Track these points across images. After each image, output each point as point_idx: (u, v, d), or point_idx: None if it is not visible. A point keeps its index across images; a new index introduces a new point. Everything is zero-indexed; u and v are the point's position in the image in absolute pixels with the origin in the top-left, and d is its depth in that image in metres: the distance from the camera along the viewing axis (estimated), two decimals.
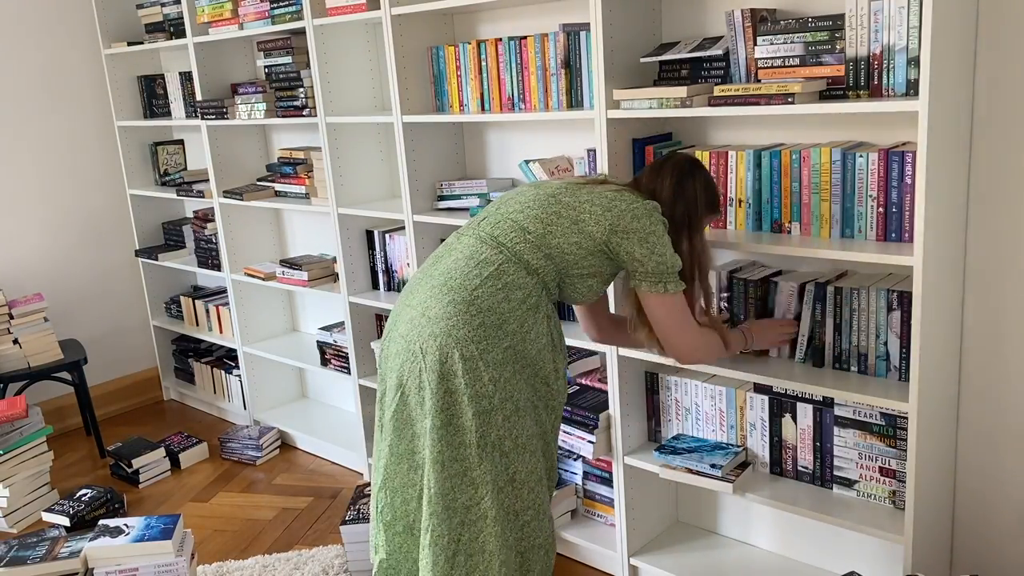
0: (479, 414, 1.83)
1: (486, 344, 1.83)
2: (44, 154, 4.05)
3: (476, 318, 1.83)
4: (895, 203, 1.97)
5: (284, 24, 3.14)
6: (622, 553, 2.63)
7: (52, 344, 3.70)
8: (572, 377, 2.74)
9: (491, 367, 1.83)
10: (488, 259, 1.90)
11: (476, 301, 1.85)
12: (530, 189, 2.02)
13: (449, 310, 1.84)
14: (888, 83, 1.96)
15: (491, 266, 1.89)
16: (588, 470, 2.78)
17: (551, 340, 1.94)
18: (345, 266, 3.24)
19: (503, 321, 1.85)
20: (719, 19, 2.32)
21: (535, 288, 1.91)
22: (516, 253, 1.91)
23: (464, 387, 1.82)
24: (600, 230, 1.91)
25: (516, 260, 1.90)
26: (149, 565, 2.37)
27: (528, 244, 1.91)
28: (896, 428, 2.10)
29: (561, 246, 1.91)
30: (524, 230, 1.92)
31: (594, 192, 1.95)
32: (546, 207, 1.94)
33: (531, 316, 1.89)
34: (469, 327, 1.82)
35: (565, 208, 1.93)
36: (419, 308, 1.89)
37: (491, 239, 1.93)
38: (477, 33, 2.91)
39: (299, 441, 3.80)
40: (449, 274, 1.90)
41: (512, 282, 1.88)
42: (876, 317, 2.07)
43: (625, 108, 2.26)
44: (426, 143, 2.92)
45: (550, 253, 1.92)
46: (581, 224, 1.91)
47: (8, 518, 3.22)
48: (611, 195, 1.94)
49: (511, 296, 1.87)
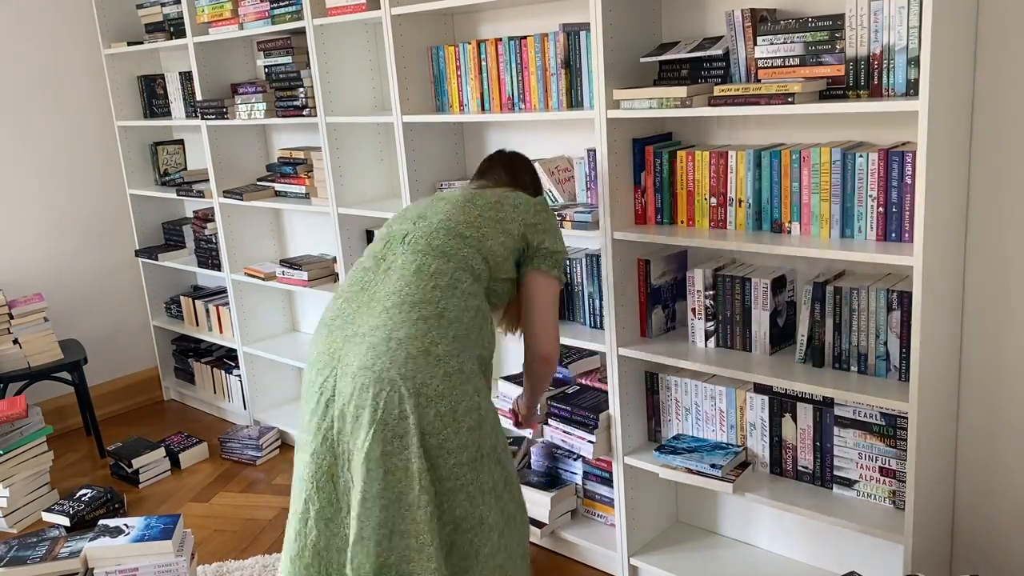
0: (474, 429, 1.79)
1: (464, 356, 1.80)
2: (44, 154, 4.06)
3: (449, 331, 1.80)
4: (895, 203, 1.97)
5: (284, 24, 3.14)
6: (622, 553, 2.63)
7: (52, 344, 3.70)
8: (572, 377, 2.74)
9: (472, 377, 1.81)
10: (440, 270, 1.87)
11: (445, 313, 1.81)
12: (440, 202, 2.04)
13: (421, 328, 1.77)
14: (888, 83, 1.96)
15: (445, 276, 1.87)
16: (588, 470, 2.78)
17: (494, 342, 1.99)
18: (345, 266, 3.24)
19: (468, 330, 1.84)
20: (719, 19, 2.32)
21: (480, 293, 1.93)
22: (462, 260, 1.91)
23: (454, 404, 1.76)
24: (517, 227, 1.99)
25: (464, 268, 1.91)
26: (149, 565, 2.37)
27: (471, 250, 1.93)
28: (896, 428, 2.10)
29: (493, 248, 1.96)
30: (461, 236, 1.93)
31: (498, 193, 2.06)
32: (470, 211, 1.98)
33: (484, 321, 1.92)
34: (446, 341, 1.78)
35: (486, 210, 2.00)
36: (380, 334, 1.77)
37: (433, 249, 1.90)
38: (477, 33, 2.91)
39: None
40: (404, 292, 1.82)
41: (466, 290, 1.89)
42: (876, 317, 2.07)
43: (625, 108, 2.26)
44: (426, 143, 2.92)
45: (487, 257, 1.95)
46: (503, 223, 1.98)
47: (8, 518, 3.22)
48: (512, 195, 2.06)
49: (469, 304, 1.87)
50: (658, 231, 2.33)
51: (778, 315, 2.27)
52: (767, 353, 2.28)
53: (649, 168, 2.37)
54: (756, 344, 2.29)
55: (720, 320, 2.34)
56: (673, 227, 2.35)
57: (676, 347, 2.41)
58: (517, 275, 2.05)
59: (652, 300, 2.47)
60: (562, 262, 2.06)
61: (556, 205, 2.59)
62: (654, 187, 2.37)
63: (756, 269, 2.34)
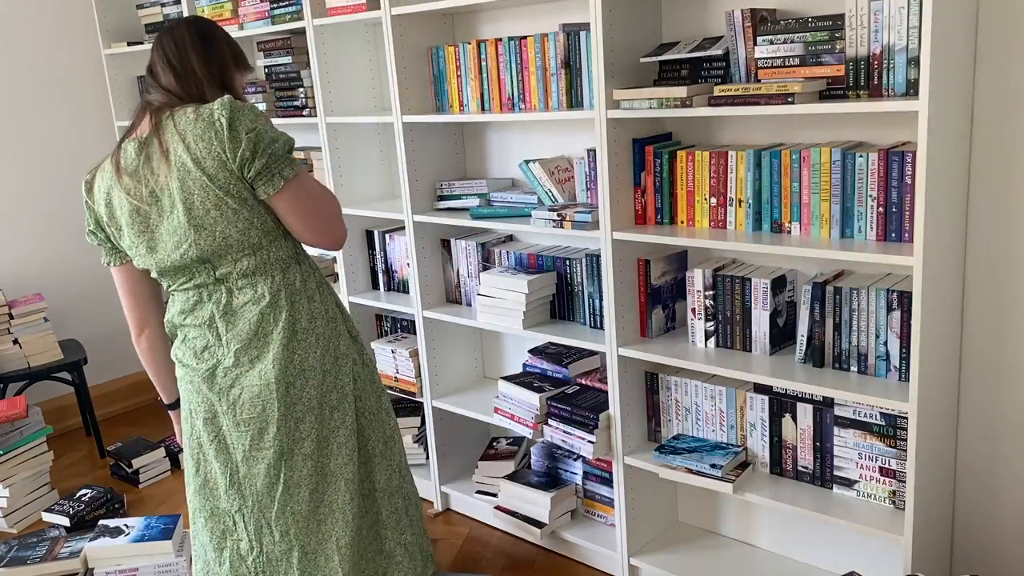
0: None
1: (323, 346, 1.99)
2: (44, 154, 4.06)
3: (307, 338, 1.95)
4: (895, 203, 1.97)
5: (284, 24, 3.14)
6: (622, 553, 2.63)
7: (52, 344, 3.70)
8: (572, 377, 2.74)
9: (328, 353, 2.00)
10: (263, 295, 1.93)
11: (295, 326, 1.95)
12: (144, 232, 1.92)
13: (288, 348, 1.94)
14: (888, 83, 1.96)
15: (256, 291, 1.94)
16: (588, 470, 2.78)
17: (328, 309, 2.04)
18: (345, 266, 3.24)
19: (312, 323, 1.97)
20: (719, 19, 2.32)
21: (283, 281, 1.94)
22: (244, 271, 1.91)
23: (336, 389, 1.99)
24: (217, 173, 1.81)
25: (250, 276, 1.92)
26: (149, 565, 2.37)
27: (237, 253, 1.89)
28: (896, 428, 2.10)
29: (228, 231, 1.85)
30: (207, 258, 1.89)
31: (171, 159, 1.81)
32: (182, 222, 1.85)
33: (312, 300, 1.99)
34: (314, 351, 1.97)
35: (180, 194, 1.82)
36: (268, 361, 1.93)
37: (218, 279, 1.93)
38: (477, 33, 2.91)
39: None
40: (248, 329, 1.93)
41: (289, 291, 1.95)
42: (876, 317, 2.07)
43: (625, 108, 2.26)
44: (426, 143, 2.92)
45: (248, 242, 1.88)
46: (206, 192, 1.81)
47: (8, 518, 3.22)
48: (176, 138, 1.81)
49: (297, 302, 1.94)
50: (658, 231, 2.33)
51: (778, 315, 2.27)
52: (767, 353, 2.28)
53: (649, 168, 2.37)
54: (756, 344, 2.29)
55: (720, 320, 2.34)
56: (673, 227, 2.35)
57: (676, 347, 2.41)
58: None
59: (652, 300, 2.47)
60: (287, 156, 1.87)
61: (556, 205, 2.59)
62: (654, 187, 2.37)
63: (756, 269, 2.34)
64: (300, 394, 1.94)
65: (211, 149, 1.78)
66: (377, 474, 2.10)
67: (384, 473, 2.11)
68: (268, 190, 1.83)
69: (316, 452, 1.97)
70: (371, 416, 2.10)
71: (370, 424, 2.09)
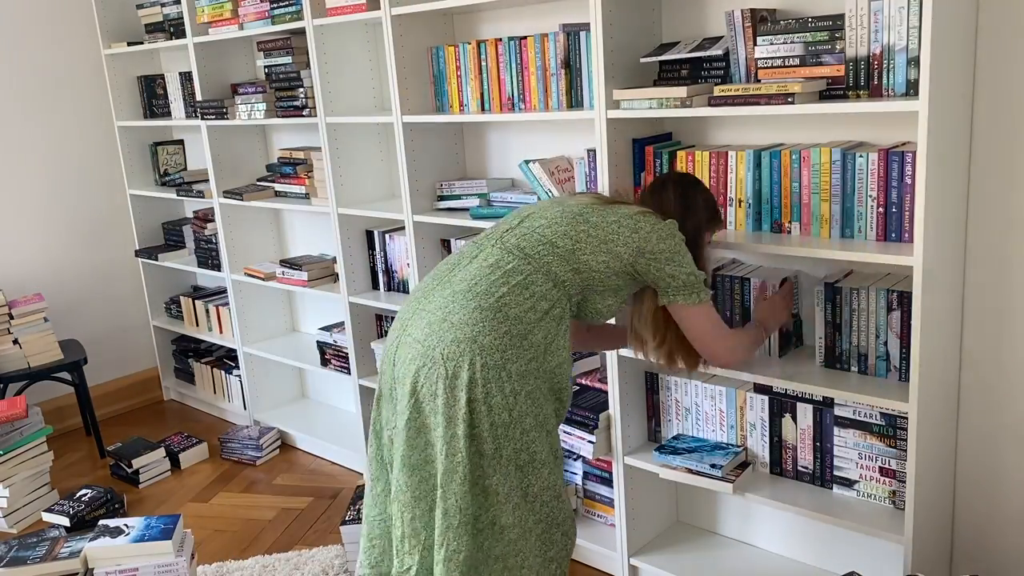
0: (497, 426, 1.79)
1: (511, 354, 1.79)
2: (44, 154, 4.06)
3: (502, 326, 1.80)
4: (895, 203, 1.97)
5: (284, 24, 3.14)
6: (622, 553, 2.63)
7: (52, 344, 3.70)
8: (572, 377, 2.74)
9: (514, 378, 1.79)
10: (516, 268, 1.87)
11: (503, 309, 1.81)
12: (553, 206, 1.99)
13: (475, 316, 1.80)
14: (888, 83, 1.96)
15: (519, 275, 1.86)
16: (588, 470, 2.78)
17: (568, 354, 1.92)
18: (345, 266, 3.24)
19: (528, 332, 1.82)
20: (719, 19, 2.32)
21: (560, 300, 1.88)
22: (544, 264, 1.88)
23: (484, 397, 1.77)
24: (628, 251, 1.90)
25: (544, 271, 1.88)
26: (149, 565, 2.37)
27: (556, 257, 1.89)
28: (896, 428, 2.10)
29: (589, 263, 1.90)
30: (552, 244, 1.90)
31: (619, 212, 1.95)
32: (574, 224, 1.92)
33: (554, 328, 1.87)
34: (495, 335, 1.79)
35: (593, 228, 1.92)
36: (439, 313, 1.85)
37: (517, 249, 1.90)
38: (477, 33, 2.91)
39: (299, 441, 3.80)
40: (474, 280, 1.86)
41: (539, 293, 1.86)
42: (876, 317, 2.07)
43: (625, 108, 2.26)
44: (426, 143, 2.92)
45: (578, 268, 1.90)
46: (610, 244, 1.91)
47: (8, 518, 3.22)
48: (637, 216, 1.94)
49: (537, 307, 1.85)
50: None
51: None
52: (767, 353, 2.27)
53: (649, 168, 2.37)
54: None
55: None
56: None
57: None
58: (644, 293, 2.04)
59: None
60: (696, 283, 1.95)
61: None
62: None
63: (756, 269, 2.34)
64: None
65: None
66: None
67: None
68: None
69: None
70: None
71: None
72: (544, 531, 1.88)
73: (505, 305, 1.82)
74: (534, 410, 1.83)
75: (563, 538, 1.93)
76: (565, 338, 1.90)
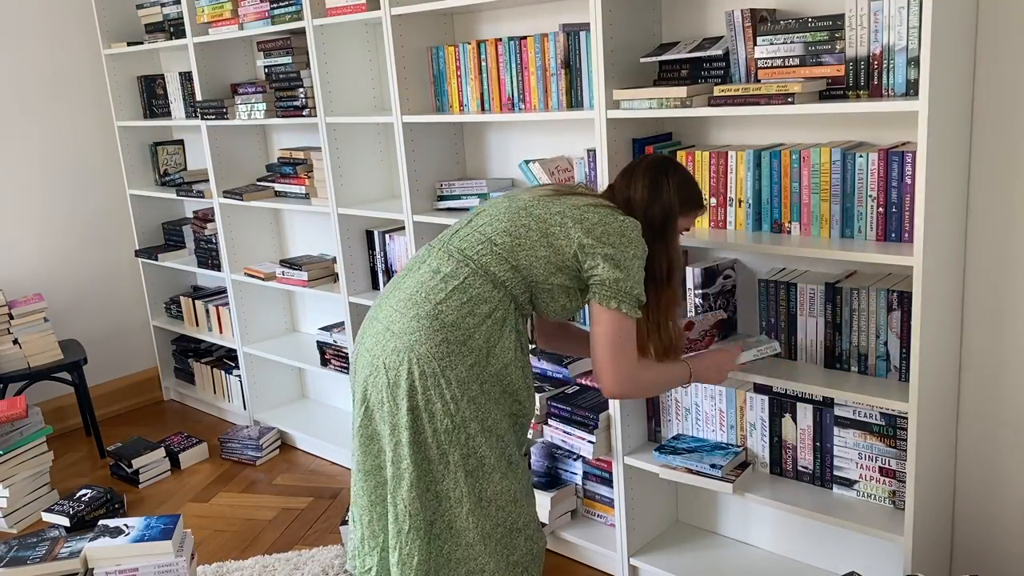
0: (440, 432, 1.79)
1: (449, 360, 1.78)
2: (44, 154, 4.05)
3: (439, 334, 1.79)
4: (895, 203, 1.97)
5: (284, 24, 3.14)
6: (622, 553, 2.63)
7: (52, 344, 3.70)
8: (572, 377, 2.74)
9: (454, 384, 1.79)
10: (453, 272, 1.85)
11: (440, 316, 1.80)
12: (503, 202, 1.95)
13: (412, 325, 1.80)
14: (888, 83, 1.96)
15: (455, 279, 1.84)
16: (588, 470, 2.78)
17: (518, 354, 1.88)
18: (345, 266, 3.24)
19: (467, 336, 1.80)
20: (719, 19, 2.32)
21: (502, 301, 1.85)
22: (482, 265, 1.85)
23: (425, 404, 1.78)
24: (569, 244, 1.82)
25: (482, 272, 1.84)
26: (149, 565, 2.37)
27: (494, 256, 1.85)
28: (896, 428, 2.10)
29: (529, 259, 1.85)
30: (491, 242, 1.86)
31: (566, 204, 1.86)
32: (515, 220, 1.87)
33: (497, 330, 1.84)
34: (431, 343, 1.78)
35: (535, 221, 1.86)
36: (384, 322, 1.86)
37: (458, 252, 1.88)
38: (477, 33, 2.91)
39: (299, 441, 3.80)
40: (415, 288, 1.86)
41: (477, 295, 1.83)
42: (876, 317, 2.07)
43: (625, 108, 2.26)
44: (426, 143, 2.92)
45: (516, 265, 1.85)
46: (550, 237, 1.84)
47: (8, 518, 3.22)
48: (583, 207, 1.85)
49: (476, 310, 1.82)
50: None
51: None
52: None
53: None
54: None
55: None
56: None
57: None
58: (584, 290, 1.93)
59: None
60: (624, 292, 1.80)
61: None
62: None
63: (805, 274, 2.29)
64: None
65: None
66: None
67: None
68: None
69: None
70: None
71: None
72: (504, 536, 1.88)
73: (441, 312, 1.81)
74: (479, 415, 1.82)
75: (527, 542, 1.92)
76: (512, 339, 1.86)
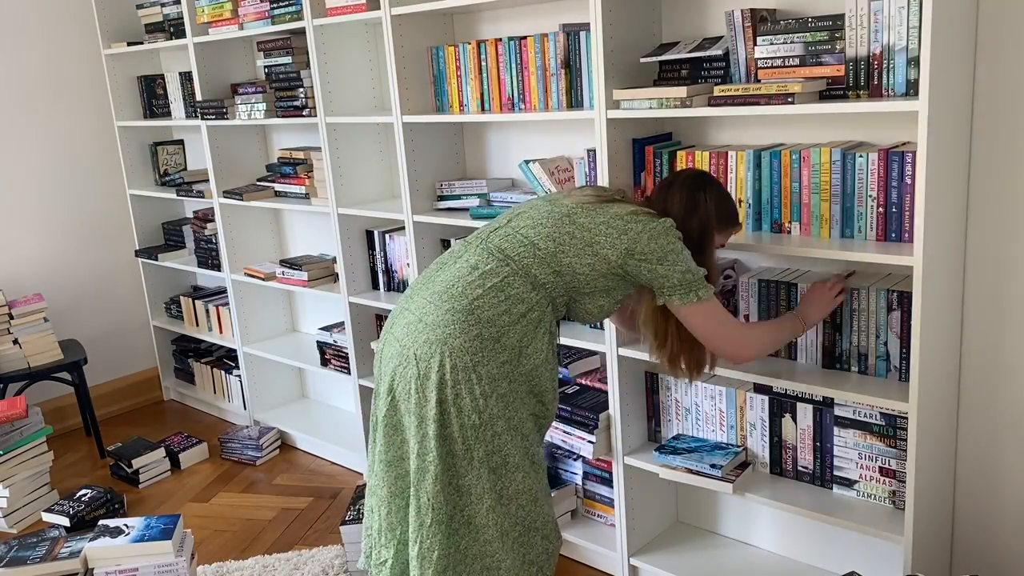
0: (467, 428, 1.79)
1: (482, 356, 1.79)
2: (44, 154, 4.06)
3: (473, 328, 1.79)
4: (895, 203, 1.97)
5: (284, 24, 3.14)
6: (622, 553, 2.63)
7: (52, 344, 3.70)
8: (572, 377, 2.74)
9: (484, 380, 1.79)
10: (493, 270, 1.86)
11: (476, 311, 1.81)
12: (544, 205, 1.96)
13: (447, 318, 1.80)
14: (888, 83, 1.96)
15: (495, 277, 1.85)
16: (588, 470, 2.78)
17: (548, 356, 1.90)
18: (345, 266, 3.24)
19: (501, 334, 1.81)
20: (719, 19, 2.32)
21: (539, 303, 1.86)
22: (523, 266, 1.86)
23: (454, 399, 1.78)
24: (616, 254, 1.86)
25: (523, 274, 1.86)
26: (149, 565, 2.37)
27: (536, 259, 1.87)
28: (896, 428, 2.10)
29: (573, 265, 1.87)
30: (534, 246, 1.87)
31: (609, 213, 1.89)
32: (560, 226, 1.89)
33: (531, 331, 1.85)
34: (465, 337, 1.79)
35: (579, 230, 1.88)
36: (417, 313, 1.86)
37: (498, 251, 1.89)
38: (477, 33, 2.91)
39: (299, 441, 3.80)
40: (451, 282, 1.87)
41: (515, 295, 1.84)
42: (876, 317, 2.07)
43: (625, 108, 2.26)
44: (426, 143, 2.92)
45: (559, 270, 1.87)
46: (595, 247, 1.87)
47: (8, 518, 3.22)
48: (627, 217, 1.88)
49: (512, 309, 1.83)
50: None
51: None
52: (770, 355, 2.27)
53: (649, 168, 2.37)
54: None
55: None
56: None
57: None
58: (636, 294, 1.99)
59: None
60: (693, 280, 1.87)
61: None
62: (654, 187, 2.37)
63: (807, 274, 2.30)
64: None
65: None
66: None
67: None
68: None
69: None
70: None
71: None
72: (521, 534, 1.89)
73: (478, 308, 1.81)
74: (507, 413, 1.82)
75: (543, 542, 1.93)
76: (545, 340, 1.88)
